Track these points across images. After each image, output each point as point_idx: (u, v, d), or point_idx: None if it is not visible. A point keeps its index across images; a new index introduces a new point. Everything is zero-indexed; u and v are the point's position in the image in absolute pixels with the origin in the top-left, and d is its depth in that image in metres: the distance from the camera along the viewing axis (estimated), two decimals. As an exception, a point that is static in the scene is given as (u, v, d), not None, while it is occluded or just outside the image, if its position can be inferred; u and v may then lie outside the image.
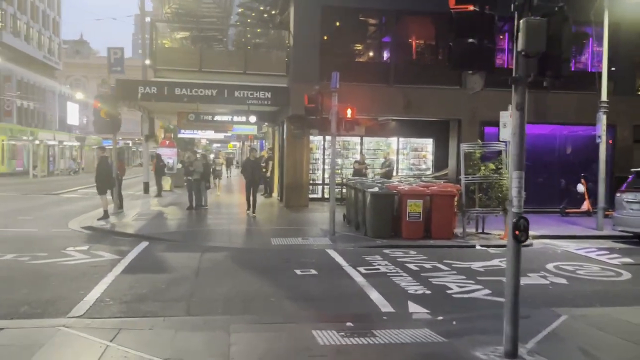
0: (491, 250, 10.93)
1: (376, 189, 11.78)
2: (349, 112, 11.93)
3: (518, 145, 4.98)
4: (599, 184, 13.98)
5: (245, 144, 47.83)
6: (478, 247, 11.22)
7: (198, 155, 16.94)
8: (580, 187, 16.62)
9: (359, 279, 8.05)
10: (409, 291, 7.39)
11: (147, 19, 17.44)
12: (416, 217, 11.63)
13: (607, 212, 14.43)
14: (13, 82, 49.71)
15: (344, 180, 16.66)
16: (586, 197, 16.67)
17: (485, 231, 12.59)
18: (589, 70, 18.11)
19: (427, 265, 9.11)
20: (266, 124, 21.79)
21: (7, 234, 11.85)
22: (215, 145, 67.89)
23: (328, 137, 19.58)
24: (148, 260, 9.17)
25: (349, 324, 5.85)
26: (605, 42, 13.79)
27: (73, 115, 57.58)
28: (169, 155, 25.23)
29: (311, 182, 19.49)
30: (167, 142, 25.63)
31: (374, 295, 7.12)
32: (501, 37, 17.58)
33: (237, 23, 19.87)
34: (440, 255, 10.14)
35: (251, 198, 15.07)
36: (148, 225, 13.13)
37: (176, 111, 18.93)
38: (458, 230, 12.24)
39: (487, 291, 7.45)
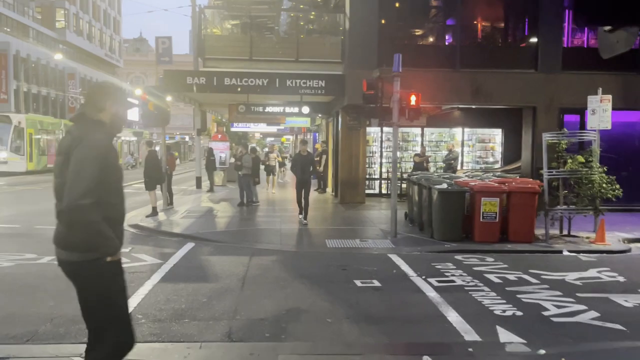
0: (582, 257, 9.35)
1: (445, 186, 10.41)
2: (413, 98, 10.61)
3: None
4: None
5: (297, 137, 47.19)
6: (566, 253, 9.66)
7: (248, 150, 16.03)
8: (678, 182, 14.53)
9: (431, 293, 6.78)
10: (495, 311, 6.06)
11: (197, 8, 16.68)
12: (491, 217, 10.19)
13: None
14: (77, 79, 51.14)
15: (405, 175, 15.32)
16: (684, 193, 14.55)
17: (571, 234, 10.95)
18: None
19: (511, 277, 7.71)
20: (320, 115, 20.69)
21: (48, 232, 11.33)
22: (268, 139, 67.75)
23: (386, 129, 18.32)
24: (191, 266, 8.26)
25: (425, 358, 4.64)
26: None
27: (133, 111, 58.91)
28: (222, 150, 24.62)
29: (368, 177, 18.27)
30: (220, 135, 25.03)
31: (453, 317, 5.85)
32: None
33: (289, 9, 18.81)
34: (524, 263, 8.69)
35: (302, 201, 12.30)
36: (196, 224, 12.33)
37: (227, 103, 18.19)
38: (539, 233, 10.70)
39: (593, 314, 6.00)
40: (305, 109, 15.24)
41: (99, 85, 3.16)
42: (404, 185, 16.21)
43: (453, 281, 7.41)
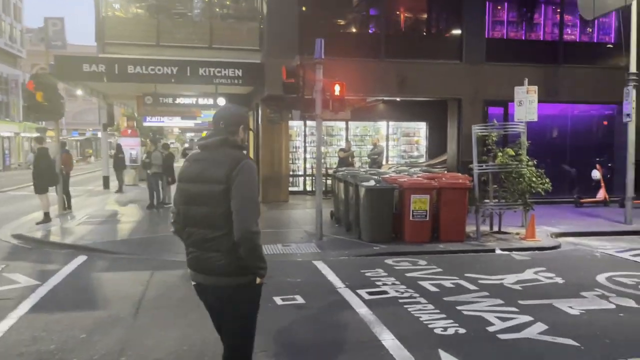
0: (516, 256, 8.86)
1: (372, 183, 9.60)
2: (337, 88, 9.69)
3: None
4: (627, 170, 12.01)
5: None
6: (499, 252, 9.16)
7: (157, 145, 14.49)
8: (596, 174, 14.72)
9: (363, 309, 5.88)
10: (435, 330, 5.24)
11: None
12: (422, 215, 9.51)
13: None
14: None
15: (331, 171, 14.47)
16: (602, 184, 14.78)
17: (502, 230, 10.53)
18: (611, 41, 16.16)
19: (447, 283, 6.98)
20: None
21: None
22: (188, 134, 64.99)
23: (309, 122, 17.38)
24: (76, 288, 6.85)
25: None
26: (634, 6, 11.72)
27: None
28: (132, 146, 22.68)
29: (291, 173, 17.26)
30: (130, 131, 23.03)
31: (388, 340, 4.97)
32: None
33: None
34: (458, 266, 8.04)
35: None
36: (94, 232, 10.75)
37: (134, 95, 16.48)
38: (470, 230, 10.18)
39: (541, 326, 5.34)
40: (221, 101, 13.94)
41: (232, 110, 3.17)
42: (329, 181, 15.39)
43: (386, 292, 6.56)
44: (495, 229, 10.59)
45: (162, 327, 5.36)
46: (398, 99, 16.66)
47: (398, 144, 18.70)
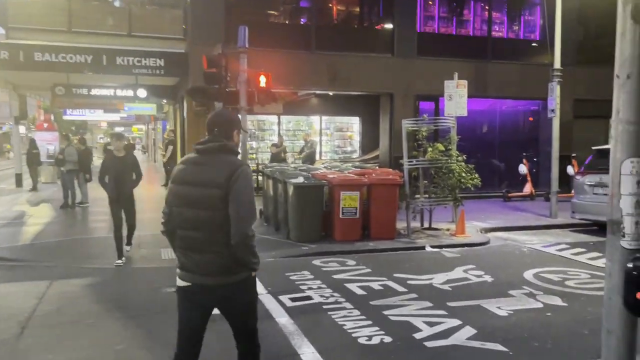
0: (446, 253, 8.69)
1: (301, 179, 9.15)
2: (262, 79, 9.15)
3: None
4: (552, 164, 12.24)
5: (149, 126, 43.28)
6: (429, 249, 8.97)
7: (70, 140, 13.37)
8: (523, 169, 15.02)
9: (283, 319, 5.41)
10: (359, 339, 4.86)
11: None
12: (352, 213, 9.17)
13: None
14: None
15: (260, 167, 13.90)
16: (529, 179, 15.11)
17: (432, 226, 10.39)
18: (537, 38, 16.51)
19: (375, 285, 6.65)
20: (165, 101, 18.41)
21: None
22: (117, 128, 62.20)
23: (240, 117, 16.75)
24: (-43, 303, 5.96)
25: None
26: (559, 4, 11.91)
27: None
28: (49, 141, 21.01)
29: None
30: (46, 124, 21.38)
31: (308, 354, 4.53)
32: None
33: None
34: (388, 265, 7.75)
35: (122, 227, 8.00)
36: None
37: (48, 86, 15.20)
38: (401, 227, 9.97)
39: (469, 330, 5.08)
40: (142, 92, 13.06)
41: (226, 115, 3.36)
42: (260, 179, 14.82)
43: (310, 297, 6.12)
44: (427, 225, 10.44)
45: (49, 349, 4.65)
46: (331, 93, 16.32)
47: (331, 139, 18.38)
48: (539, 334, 5.05)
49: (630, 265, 2.20)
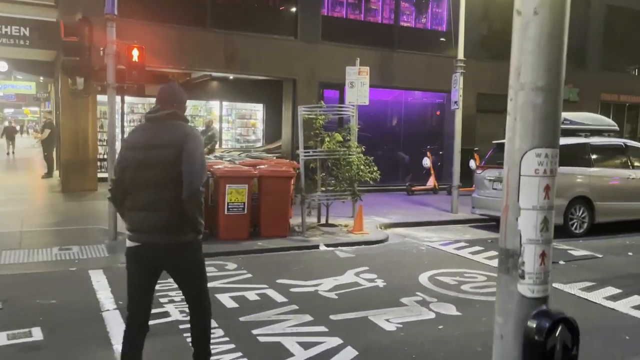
0: (340, 253, 7.94)
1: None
2: (135, 53, 7.85)
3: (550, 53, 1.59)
4: (454, 158, 11.94)
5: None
6: (323, 248, 8.18)
7: None
8: (426, 162, 14.75)
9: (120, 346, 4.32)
10: (214, 372, 3.89)
11: None
12: (239, 208, 8.17)
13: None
14: None
15: None
16: (432, 172, 14.86)
17: (329, 222, 9.63)
18: (443, 29, 16.25)
19: (252, 295, 5.71)
20: (42, 78, 16.29)
21: None
22: (7, 110, 56.58)
23: (129, 98, 15.16)
24: None
25: None
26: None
27: None
28: None
29: (103, 157, 14.86)
30: None
31: (140, 397, 3.50)
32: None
33: None
34: (273, 269, 6.85)
35: None
36: None
37: None
38: (296, 223, 9.12)
39: (351, 352, 4.29)
40: (3, 66, 11.17)
41: (174, 86, 3.65)
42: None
43: (167, 314, 5.07)
44: (324, 221, 9.66)
45: None
46: (231, 77, 15.16)
47: (233, 127, 17.21)
48: (429, 354, 4.37)
49: (532, 324, 1.37)
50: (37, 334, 4.46)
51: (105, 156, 15.03)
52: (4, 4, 11.19)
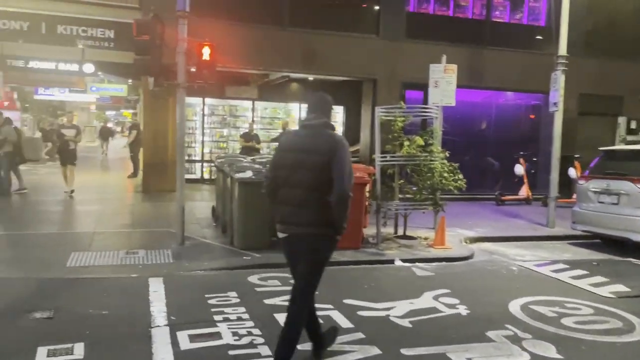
0: (418, 270, 7.14)
1: (248, 174, 7.59)
2: (206, 51, 7.55)
3: None
4: (551, 166, 10.67)
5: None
6: (398, 264, 7.42)
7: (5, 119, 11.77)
8: (519, 169, 13.44)
9: (164, 370, 3.87)
10: (258, 415, 3.32)
11: None
12: (308, 216, 7.59)
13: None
14: None
15: (214, 158, 12.29)
16: (525, 181, 13.54)
17: (407, 234, 8.83)
18: (541, 24, 14.87)
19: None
20: (130, 81, 16.80)
21: None
22: (109, 112, 60.38)
23: (209, 100, 15.22)
24: None
25: None
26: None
27: None
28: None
29: (187, 158, 15.00)
30: (6, 103, 19.73)
31: None
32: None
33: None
34: (342, 285, 6.22)
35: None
36: None
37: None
38: (371, 233, 8.44)
39: (423, 401, 3.54)
40: (89, 67, 11.48)
41: (324, 96, 3.93)
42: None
43: (218, 335, 4.57)
44: (402, 232, 8.88)
45: None
46: (310, 78, 14.74)
47: (312, 129, 16.77)
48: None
49: None
50: (78, 351, 4.12)
51: (188, 157, 15.32)
52: (90, 6, 11.50)
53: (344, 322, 4.99)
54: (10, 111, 19.53)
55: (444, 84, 9.44)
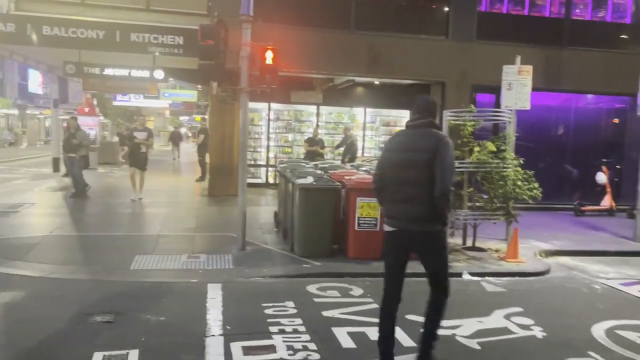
0: (488, 285, 6.67)
1: (309, 180, 7.42)
2: (268, 55, 7.47)
3: None
4: (639, 175, 9.75)
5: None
6: (466, 277, 6.97)
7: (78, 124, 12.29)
8: (602, 177, 12.46)
9: (216, 384, 3.72)
10: None
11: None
12: (371, 224, 7.33)
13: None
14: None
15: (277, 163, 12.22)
16: (608, 190, 12.53)
17: (477, 245, 8.32)
18: (626, 21, 13.82)
19: (375, 333, 4.76)
20: (199, 86, 17.19)
21: None
22: (182, 117, 62.75)
23: (275, 105, 15.25)
24: None
25: None
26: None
27: (35, 84, 50.06)
28: (91, 126, 20.45)
29: (252, 162, 15.14)
30: (87, 109, 20.82)
31: None
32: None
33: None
34: (404, 300, 5.80)
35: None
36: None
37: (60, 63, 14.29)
38: (436, 244, 7.99)
39: None
40: (159, 74, 11.80)
41: (429, 98, 4.18)
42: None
43: (272, 348, 4.39)
44: (470, 243, 8.38)
45: None
46: (376, 82, 14.43)
47: (377, 134, 16.43)
48: None
49: None
50: (132, 358, 4.07)
51: (253, 162, 15.46)
52: (162, 14, 11.82)
53: (405, 340, 4.68)
54: (90, 117, 20.67)
55: (518, 87, 8.85)
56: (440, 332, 4.87)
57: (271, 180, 15.26)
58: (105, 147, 21.88)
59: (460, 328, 5.02)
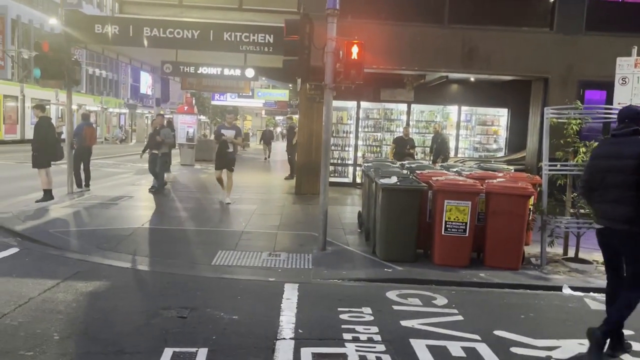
0: (592, 302, 5.94)
1: (393, 180, 7.07)
2: (354, 50, 7.21)
3: None
4: None
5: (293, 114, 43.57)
6: (567, 292, 6.27)
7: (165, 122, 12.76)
8: None
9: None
10: None
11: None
12: (459, 229, 6.84)
13: None
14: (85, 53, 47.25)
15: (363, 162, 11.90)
16: None
17: (579, 256, 7.49)
18: None
19: (456, 349, 4.37)
20: (291, 85, 17.32)
21: None
22: (278, 117, 64.19)
23: (364, 104, 15.00)
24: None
25: None
26: None
27: (145, 85, 53.87)
28: (189, 124, 21.44)
29: (339, 162, 15.01)
30: (186, 107, 21.81)
31: None
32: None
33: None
34: (494, 312, 5.39)
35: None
36: (71, 217, 9.28)
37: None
38: (534, 252, 7.34)
39: None
40: (250, 72, 11.96)
41: (633, 107, 4.53)
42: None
43: (343, 357, 4.12)
44: (572, 254, 7.57)
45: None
46: (472, 78, 13.69)
47: (472, 134, 15.61)
48: None
49: None
50: (201, 357, 3.98)
51: (339, 161, 15.33)
52: (254, 13, 11.98)
53: (490, 356, 4.21)
54: (189, 115, 21.64)
55: (633, 81, 7.91)
56: (534, 353, 4.40)
57: (358, 180, 15.01)
58: (202, 145, 22.80)
59: (557, 350, 4.46)
